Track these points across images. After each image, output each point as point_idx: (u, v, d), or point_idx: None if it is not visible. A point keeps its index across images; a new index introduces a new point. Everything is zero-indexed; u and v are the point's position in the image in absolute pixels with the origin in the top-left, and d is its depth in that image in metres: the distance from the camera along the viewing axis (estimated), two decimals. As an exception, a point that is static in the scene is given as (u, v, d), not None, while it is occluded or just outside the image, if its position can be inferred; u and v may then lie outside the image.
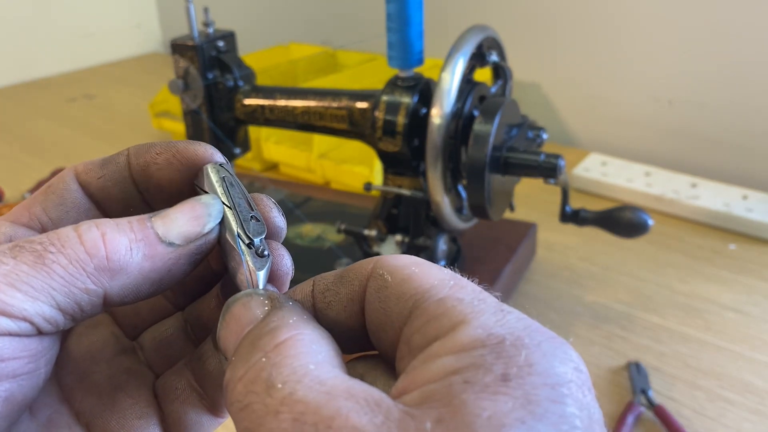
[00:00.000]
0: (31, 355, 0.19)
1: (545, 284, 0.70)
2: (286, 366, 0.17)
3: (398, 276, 0.19)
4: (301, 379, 0.16)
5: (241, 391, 0.17)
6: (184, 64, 0.63)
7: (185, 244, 0.21)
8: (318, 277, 0.22)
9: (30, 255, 0.19)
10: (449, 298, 0.18)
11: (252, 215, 0.22)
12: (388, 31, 0.55)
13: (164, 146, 0.23)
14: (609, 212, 0.58)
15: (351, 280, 0.21)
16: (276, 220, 0.23)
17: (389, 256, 0.21)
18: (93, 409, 0.23)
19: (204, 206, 0.21)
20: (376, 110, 0.56)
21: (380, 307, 0.19)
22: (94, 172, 0.23)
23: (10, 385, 0.18)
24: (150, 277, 0.20)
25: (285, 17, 1.41)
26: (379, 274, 0.20)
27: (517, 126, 0.55)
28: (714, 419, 0.52)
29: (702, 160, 0.95)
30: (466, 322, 0.17)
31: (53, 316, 0.19)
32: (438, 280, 0.19)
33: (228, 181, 0.22)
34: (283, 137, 0.94)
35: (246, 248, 0.21)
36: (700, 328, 0.62)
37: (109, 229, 0.20)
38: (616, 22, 0.97)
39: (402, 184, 0.59)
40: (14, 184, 0.95)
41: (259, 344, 0.18)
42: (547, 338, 0.17)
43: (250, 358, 0.17)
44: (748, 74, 0.88)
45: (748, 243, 0.76)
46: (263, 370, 0.17)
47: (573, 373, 0.16)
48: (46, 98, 1.36)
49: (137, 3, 1.66)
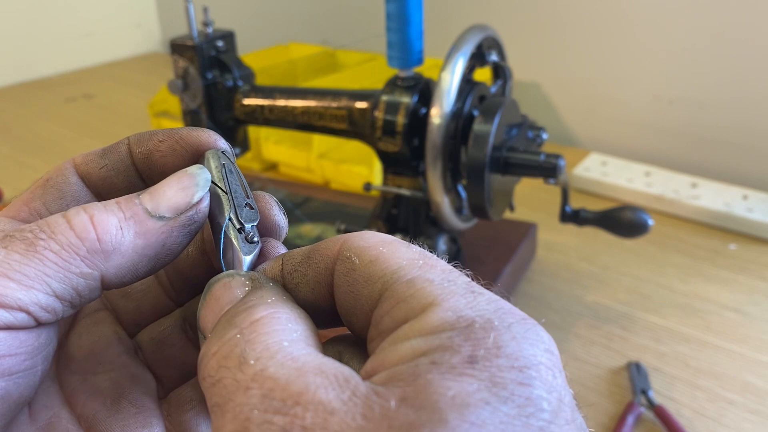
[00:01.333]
0: (27, 351, 0.18)
1: (545, 284, 0.70)
2: (259, 343, 0.17)
3: (365, 257, 0.19)
4: (273, 355, 0.16)
5: (214, 366, 0.17)
6: (183, 64, 0.63)
7: (176, 216, 0.21)
8: (287, 255, 0.22)
9: (21, 243, 0.18)
10: (418, 279, 0.17)
11: (247, 203, 0.22)
12: (388, 31, 0.55)
13: (167, 133, 0.23)
14: (609, 212, 0.58)
15: (317, 262, 0.20)
16: (276, 218, 0.23)
17: (356, 234, 0.20)
18: (96, 414, 0.22)
19: (190, 176, 0.21)
20: (375, 110, 0.56)
21: (349, 290, 0.19)
22: (94, 163, 0.23)
23: (6, 383, 0.18)
24: (145, 253, 0.20)
25: (284, 17, 1.41)
26: (346, 256, 0.19)
27: (517, 126, 0.55)
28: (714, 419, 0.52)
29: (702, 160, 0.95)
30: (436, 304, 0.16)
31: (50, 304, 0.19)
32: (407, 260, 0.18)
33: (227, 168, 0.22)
34: (282, 137, 0.94)
35: (236, 233, 0.21)
36: (700, 328, 0.62)
37: (96, 212, 0.20)
38: (616, 22, 0.97)
39: (402, 184, 0.59)
40: (14, 184, 0.95)
41: (234, 321, 0.18)
42: (518, 320, 0.16)
43: (224, 334, 0.17)
44: (748, 74, 0.88)
45: (748, 243, 0.76)
46: (237, 346, 0.17)
47: (543, 354, 0.16)
48: (45, 98, 1.36)
49: (137, 3, 1.66)
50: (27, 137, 1.16)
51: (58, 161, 0.98)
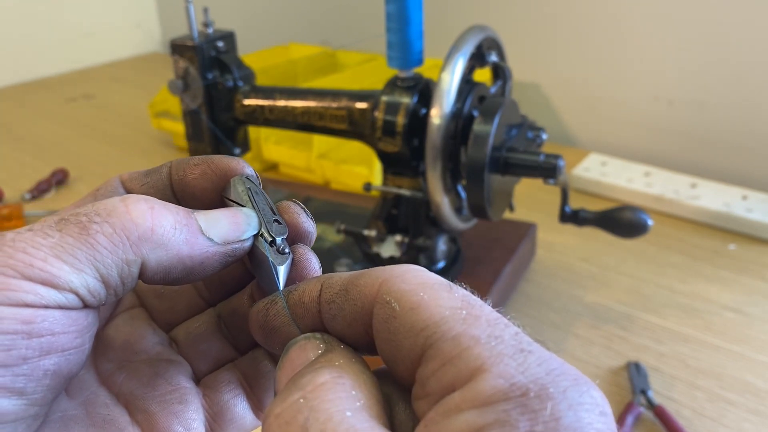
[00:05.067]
0: (78, 329, 0.19)
1: (545, 284, 0.70)
2: (323, 411, 0.17)
3: (406, 304, 0.18)
4: (336, 427, 0.16)
5: (275, 429, 0.17)
6: (183, 64, 0.63)
7: (223, 245, 0.22)
8: (326, 282, 0.22)
9: (75, 227, 0.19)
10: (464, 336, 0.17)
11: (275, 219, 0.24)
12: (388, 31, 0.55)
13: (201, 159, 0.25)
14: (609, 212, 0.58)
15: (355, 299, 0.20)
16: (305, 225, 0.25)
17: (396, 274, 0.20)
18: (134, 391, 0.23)
19: (245, 216, 0.23)
20: (375, 110, 0.56)
21: (389, 338, 0.19)
22: (138, 180, 0.24)
23: (59, 359, 0.19)
24: (184, 262, 0.21)
25: (285, 17, 1.41)
26: (386, 300, 0.19)
27: (516, 126, 0.55)
28: (714, 419, 0.52)
29: (702, 160, 0.95)
30: (485, 370, 0.16)
31: (96, 289, 0.19)
32: (449, 310, 0.18)
33: (253, 190, 0.24)
34: (282, 137, 0.94)
35: (267, 246, 0.23)
36: (700, 328, 0.62)
37: (158, 205, 0.21)
38: (616, 22, 0.97)
39: (402, 184, 0.59)
40: (14, 184, 0.95)
41: (300, 383, 0.18)
42: (572, 383, 0.16)
43: (288, 396, 0.18)
44: (748, 74, 0.88)
45: (748, 243, 0.76)
46: (300, 412, 0.17)
47: (599, 420, 0.16)
48: (45, 98, 1.36)
49: (137, 3, 1.66)
50: (27, 137, 1.16)
51: (58, 161, 0.97)
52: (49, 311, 0.18)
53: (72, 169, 0.99)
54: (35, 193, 0.92)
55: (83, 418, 0.22)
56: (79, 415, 0.22)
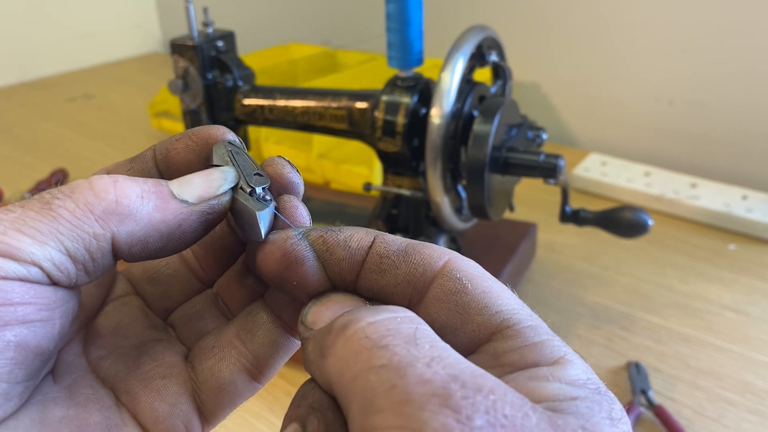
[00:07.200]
0: (44, 303, 0.19)
1: (545, 284, 0.70)
2: (428, 330, 0.18)
3: (479, 285, 0.20)
4: (447, 347, 0.17)
5: (376, 338, 0.17)
6: (183, 64, 0.63)
7: (198, 203, 0.22)
8: (380, 236, 0.22)
9: (37, 203, 0.19)
10: (541, 328, 0.20)
11: (256, 172, 0.23)
12: (388, 31, 0.55)
13: (182, 133, 0.24)
14: (609, 212, 0.58)
15: (416, 263, 0.21)
16: (290, 175, 0.24)
17: (461, 259, 0.21)
18: (118, 373, 0.23)
19: (220, 172, 0.23)
20: (375, 110, 0.56)
21: (456, 310, 0.20)
22: (123, 168, 0.24)
23: (21, 330, 0.18)
24: (159, 228, 0.21)
25: (285, 17, 1.41)
26: (456, 276, 0.20)
27: (516, 126, 0.55)
28: (714, 419, 0.52)
29: (702, 160, 0.95)
30: (570, 361, 0.19)
31: (63, 263, 0.19)
32: (518, 305, 0.20)
33: (234, 152, 0.24)
34: (282, 137, 0.94)
35: (246, 196, 0.22)
36: (700, 328, 0.62)
37: (122, 178, 0.21)
38: (616, 23, 0.97)
39: (402, 184, 0.59)
40: (13, 184, 0.95)
41: (390, 308, 0.19)
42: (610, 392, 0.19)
43: (377, 314, 0.18)
44: (748, 74, 0.88)
45: (748, 243, 0.76)
46: (404, 323, 0.18)
47: None
48: (45, 98, 1.36)
49: (137, 3, 1.66)
50: (27, 137, 1.16)
51: (58, 161, 0.97)
52: (8, 282, 0.18)
53: (72, 169, 0.98)
54: (35, 193, 0.92)
55: (65, 399, 0.21)
56: (61, 397, 0.21)
